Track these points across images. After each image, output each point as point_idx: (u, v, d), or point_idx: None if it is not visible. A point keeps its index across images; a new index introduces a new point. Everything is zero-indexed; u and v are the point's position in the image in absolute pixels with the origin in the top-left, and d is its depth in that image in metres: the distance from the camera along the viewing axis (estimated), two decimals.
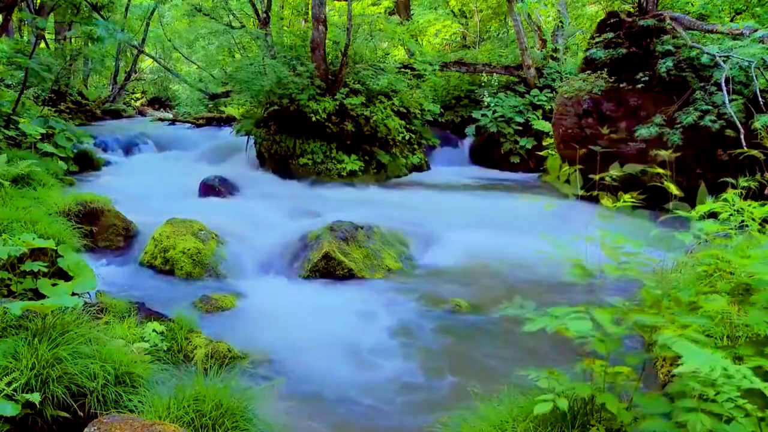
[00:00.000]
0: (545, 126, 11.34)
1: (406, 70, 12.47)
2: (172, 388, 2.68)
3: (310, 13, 11.28)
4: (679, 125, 7.41)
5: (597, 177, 2.39)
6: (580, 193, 2.36)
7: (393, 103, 11.07)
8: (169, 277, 5.45)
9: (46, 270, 3.68)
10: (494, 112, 12.23)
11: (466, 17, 17.81)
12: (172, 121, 15.64)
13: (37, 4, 12.38)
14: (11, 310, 2.81)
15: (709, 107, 7.29)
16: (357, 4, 14.72)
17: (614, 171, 2.40)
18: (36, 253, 3.79)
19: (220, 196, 8.66)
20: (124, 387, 2.73)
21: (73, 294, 3.61)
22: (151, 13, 17.33)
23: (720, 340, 2.61)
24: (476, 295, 5.08)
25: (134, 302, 4.18)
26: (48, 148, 8.55)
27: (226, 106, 15.94)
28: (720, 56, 6.93)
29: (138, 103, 22.63)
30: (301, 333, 4.30)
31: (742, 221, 3.14)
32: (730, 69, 6.85)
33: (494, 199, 9.16)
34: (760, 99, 6.55)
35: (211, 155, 11.71)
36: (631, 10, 8.85)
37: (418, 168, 11.97)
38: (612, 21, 8.69)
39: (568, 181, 8.67)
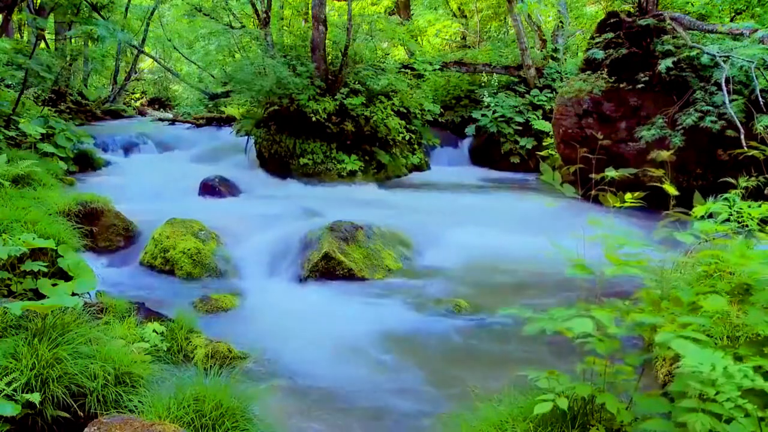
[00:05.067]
0: (545, 126, 11.34)
1: (406, 70, 12.48)
2: (172, 388, 2.68)
3: (310, 13, 11.28)
4: (680, 126, 7.40)
5: (597, 177, 2.39)
6: (573, 195, 2.35)
7: (393, 103, 11.08)
8: (169, 277, 5.45)
9: (46, 270, 3.68)
10: (494, 112, 12.23)
11: (466, 17, 17.81)
12: (172, 121, 15.63)
13: (37, 4, 12.37)
14: (11, 310, 2.81)
15: (710, 108, 7.29)
16: (357, 4, 14.71)
17: (611, 173, 2.40)
18: (36, 253, 3.79)
19: (220, 196, 8.66)
20: (124, 387, 2.73)
21: (73, 294, 3.61)
22: (151, 13, 17.32)
23: (720, 340, 2.61)
24: (476, 294, 5.08)
25: (134, 302, 4.18)
26: (48, 148, 8.54)
27: (226, 106, 15.94)
28: (720, 56, 6.93)
29: (138, 104, 22.62)
30: (301, 333, 4.30)
31: (742, 221, 3.14)
32: (730, 69, 6.84)
33: (494, 199, 9.16)
34: (760, 99, 6.55)
35: (211, 155, 11.70)
36: (631, 10, 8.85)
37: (418, 168, 11.98)
38: (612, 21, 8.68)
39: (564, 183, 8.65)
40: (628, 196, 2.25)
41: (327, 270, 5.52)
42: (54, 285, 3.71)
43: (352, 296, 5.14)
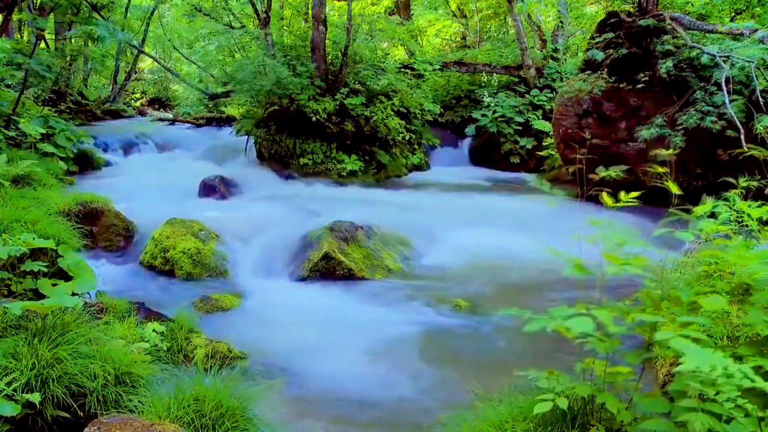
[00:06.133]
0: (545, 126, 11.35)
1: (406, 70, 12.48)
2: (172, 388, 2.68)
3: (310, 13, 11.28)
4: (680, 126, 7.41)
5: (597, 177, 2.39)
6: (566, 196, 2.35)
7: (393, 103, 11.08)
8: (169, 277, 5.45)
9: (46, 270, 3.68)
10: (494, 112, 12.23)
11: (466, 17, 17.82)
12: (172, 121, 15.63)
13: (37, 4, 12.37)
14: (11, 310, 2.81)
15: (710, 108, 7.29)
16: (357, 4, 14.72)
17: (608, 172, 2.39)
18: (36, 253, 3.79)
19: (220, 196, 8.66)
20: (124, 387, 2.73)
21: (73, 294, 3.61)
22: (151, 13, 17.33)
23: (720, 340, 2.61)
24: (476, 294, 5.08)
25: (134, 302, 4.18)
26: (48, 148, 8.54)
27: (226, 106, 15.95)
28: (720, 56, 6.93)
29: (138, 104, 22.62)
30: (301, 333, 4.30)
31: (742, 221, 3.14)
32: (730, 69, 6.85)
33: (494, 199, 9.16)
34: (760, 99, 6.55)
35: (211, 155, 11.70)
36: (631, 10, 8.85)
37: (418, 168, 11.98)
38: (612, 21, 8.69)
39: (564, 182, 8.67)
40: (625, 195, 2.25)
41: (327, 270, 5.52)
42: (54, 285, 3.71)
43: (352, 296, 5.14)
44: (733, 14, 9.72)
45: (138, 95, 24.12)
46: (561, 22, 13.87)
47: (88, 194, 6.04)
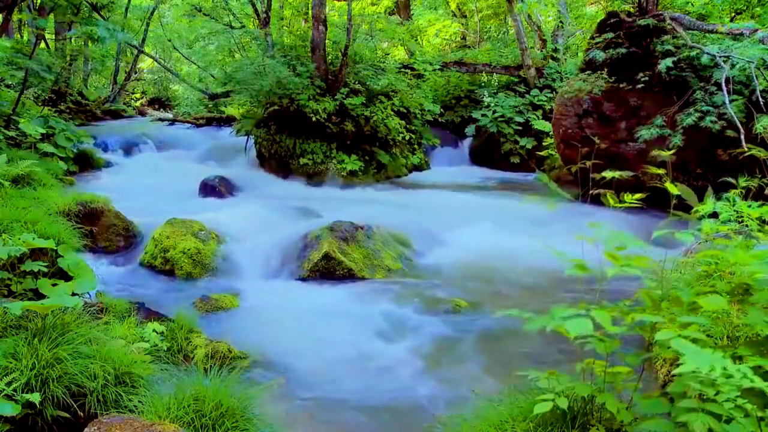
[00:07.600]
0: (545, 126, 11.35)
1: (406, 70, 12.49)
2: (172, 388, 2.68)
3: (310, 13, 11.28)
4: (680, 126, 7.40)
5: (597, 176, 2.39)
6: (570, 198, 2.36)
7: (393, 103, 11.08)
8: (169, 277, 5.46)
9: (46, 270, 3.68)
10: (494, 112, 12.23)
11: (465, 17, 17.82)
12: (172, 121, 15.63)
13: (37, 4, 12.38)
14: (11, 310, 2.81)
15: (710, 108, 7.29)
16: (357, 4, 14.72)
17: (612, 173, 2.39)
18: (36, 253, 3.79)
19: (220, 196, 8.67)
20: (124, 387, 2.73)
21: (73, 294, 3.61)
22: (151, 13, 17.33)
23: (720, 340, 2.61)
24: (476, 294, 5.08)
25: (134, 302, 4.18)
26: (48, 148, 8.54)
27: (226, 106, 15.95)
28: (720, 56, 6.93)
29: (138, 104, 22.62)
30: (301, 333, 4.30)
31: (742, 220, 3.15)
32: (730, 69, 6.84)
33: (494, 199, 9.16)
34: (760, 99, 6.56)
35: (211, 155, 11.71)
36: (631, 10, 8.85)
37: (418, 168, 11.99)
38: (612, 21, 8.69)
39: (564, 182, 8.67)
40: (627, 196, 2.25)
41: (327, 270, 5.52)
42: (54, 285, 3.70)
43: (352, 296, 5.13)
44: (733, 14, 9.73)
45: (138, 95, 24.12)
46: (561, 22, 13.87)
47: (88, 194, 6.04)
